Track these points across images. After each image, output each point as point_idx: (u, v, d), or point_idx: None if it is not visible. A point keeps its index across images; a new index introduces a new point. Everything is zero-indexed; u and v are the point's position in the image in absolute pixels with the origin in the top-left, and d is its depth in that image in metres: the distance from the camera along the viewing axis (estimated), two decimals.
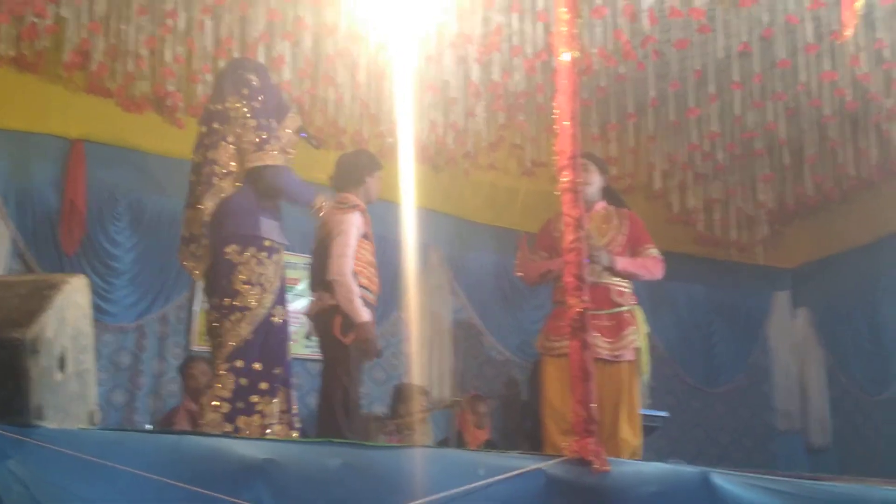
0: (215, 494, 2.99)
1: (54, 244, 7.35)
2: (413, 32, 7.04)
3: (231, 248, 4.81)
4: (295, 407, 5.10)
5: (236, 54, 7.24)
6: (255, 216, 4.90)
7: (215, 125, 5.00)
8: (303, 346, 8.18)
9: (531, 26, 7.29)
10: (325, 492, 3.21)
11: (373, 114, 8.10)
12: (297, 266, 8.35)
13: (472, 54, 7.45)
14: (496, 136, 8.69)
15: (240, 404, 4.67)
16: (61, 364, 3.28)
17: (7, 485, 2.82)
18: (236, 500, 3.01)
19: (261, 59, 7.29)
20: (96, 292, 6.84)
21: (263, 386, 4.75)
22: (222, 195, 4.89)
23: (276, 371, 4.83)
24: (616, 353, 5.80)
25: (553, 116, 4.10)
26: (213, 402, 4.65)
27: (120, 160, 7.72)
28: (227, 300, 4.77)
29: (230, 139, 4.95)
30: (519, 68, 7.64)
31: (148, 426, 7.23)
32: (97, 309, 5.99)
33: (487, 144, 8.72)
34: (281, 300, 4.97)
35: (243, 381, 4.70)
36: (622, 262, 6.00)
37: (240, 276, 4.77)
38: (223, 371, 4.69)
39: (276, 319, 4.90)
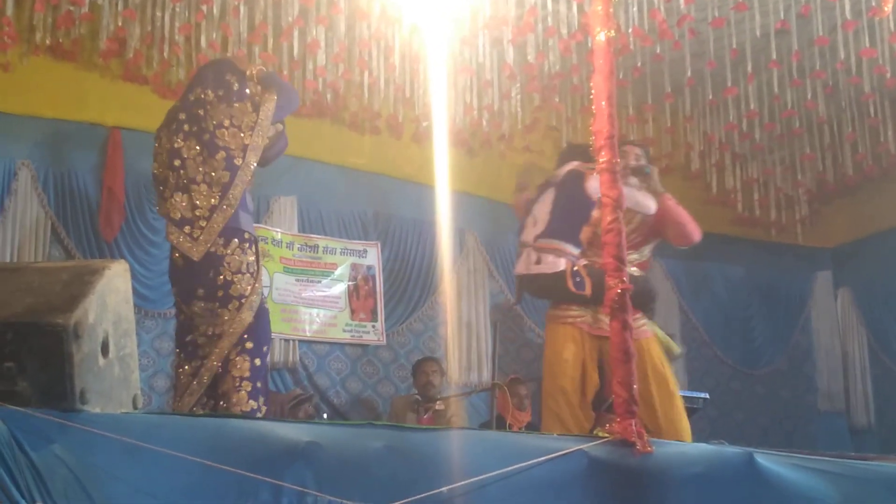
0: (258, 476, 3.01)
1: (93, 231, 7.40)
2: (447, 15, 7.02)
3: (217, 242, 5.00)
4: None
5: (271, 40, 7.26)
6: (238, 210, 5.06)
7: (199, 112, 5.14)
8: (341, 330, 8.24)
9: (566, 7, 7.25)
10: (366, 474, 3.22)
11: (407, 97, 8.07)
12: (334, 251, 8.38)
13: (507, 36, 7.42)
14: (531, 118, 8.64)
15: (258, 384, 4.94)
16: (104, 349, 3.30)
17: (52, 468, 2.84)
18: (279, 482, 3.02)
19: (294, 44, 7.32)
20: (136, 279, 6.88)
21: (260, 363, 5.02)
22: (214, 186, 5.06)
23: (265, 349, 5.11)
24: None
25: (589, 97, 4.08)
26: (235, 384, 4.91)
27: None
28: (220, 291, 4.97)
29: (224, 128, 5.10)
30: (554, 49, 7.59)
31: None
32: (137, 295, 6.03)
33: (523, 127, 8.67)
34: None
35: (257, 361, 4.97)
36: (669, 197, 5.95)
37: (229, 267, 4.97)
38: (234, 356, 4.93)
39: (265, 305, 5.20)
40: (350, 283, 8.38)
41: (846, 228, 10.41)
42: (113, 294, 3.41)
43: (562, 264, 5.66)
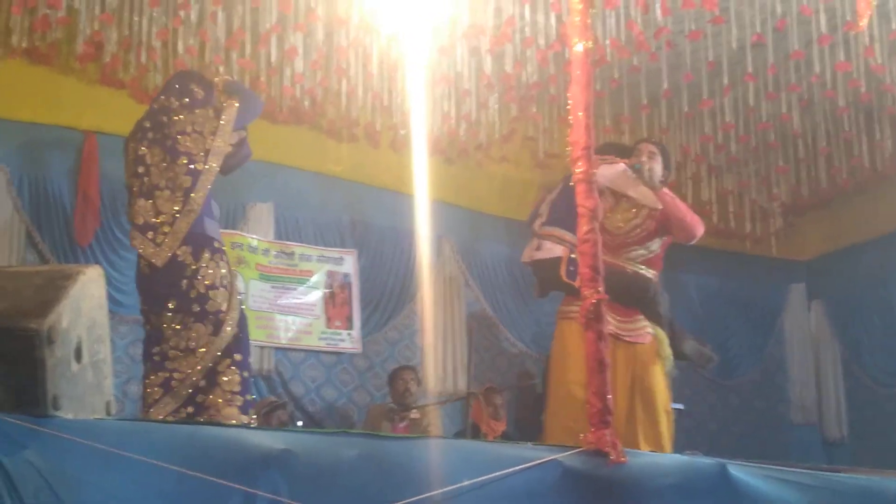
0: (231, 484, 3.00)
1: (68, 236, 7.35)
2: (425, 24, 7.02)
3: (182, 250, 4.99)
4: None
5: (248, 46, 7.25)
6: (202, 216, 5.07)
7: (163, 118, 5.20)
8: (317, 338, 8.22)
9: (544, 17, 7.25)
10: (340, 482, 3.22)
11: (385, 106, 8.07)
12: (311, 258, 8.36)
13: (485, 45, 7.42)
14: (509, 127, 8.66)
15: (249, 396, 5.02)
16: (77, 354, 3.29)
17: (23, 475, 2.82)
18: (253, 490, 3.01)
19: (272, 50, 7.31)
20: (111, 284, 6.82)
21: (248, 375, 5.10)
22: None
23: (250, 360, 5.22)
24: (627, 332, 5.76)
25: (566, 108, 4.09)
26: (227, 397, 4.92)
27: None
28: (194, 306, 4.97)
29: (187, 134, 5.15)
30: (531, 60, 7.60)
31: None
32: (112, 300, 5.96)
33: (500, 136, 8.69)
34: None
35: (245, 373, 5.02)
36: (667, 192, 5.95)
37: (203, 280, 4.97)
38: (224, 368, 4.95)
39: (245, 314, 5.24)
40: (326, 290, 8.36)
41: (820, 241, 10.48)
42: (87, 299, 3.40)
43: (559, 250, 5.68)
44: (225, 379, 4.92)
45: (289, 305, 8.17)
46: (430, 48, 7.28)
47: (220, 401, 4.89)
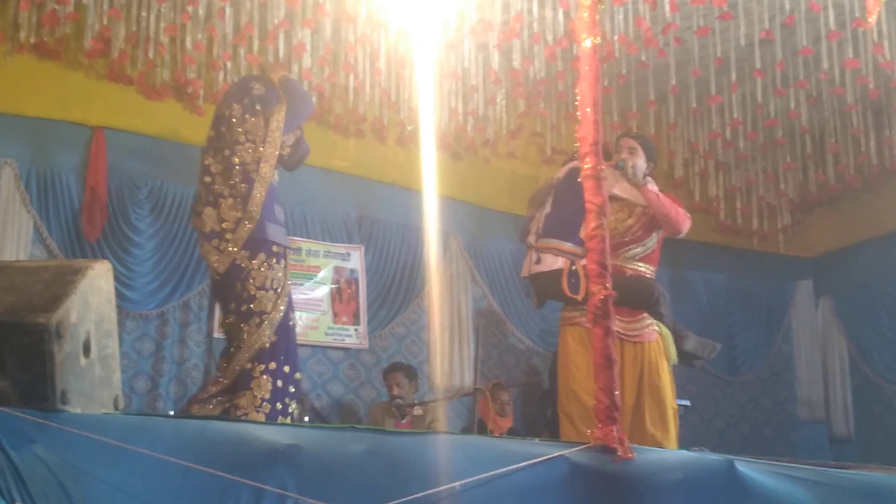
0: (239, 479, 3.00)
1: (76, 231, 7.37)
2: (433, 20, 7.02)
3: (241, 254, 5.11)
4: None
5: (256, 42, 7.25)
6: (263, 221, 5.16)
7: (223, 129, 5.34)
8: (323, 333, 8.23)
9: (552, 13, 7.27)
10: (347, 478, 3.21)
11: (393, 101, 8.08)
12: (318, 254, 8.37)
13: (493, 41, 7.42)
14: (516, 123, 8.66)
15: (279, 405, 4.99)
16: (85, 349, 3.29)
17: (32, 468, 2.83)
18: (260, 485, 3.01)
19: (280, 46, 7.31)
20: (118, 279, 6.86)
21: (292, 389, 5.09)
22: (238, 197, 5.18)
23: (298, 376, 5.17)
24: (633, 332, 5.74)
25: (574, 104, 4.10)
26: (255, 404, 4.96)
27: (141, 147, 7.73)
28: (244, 306, 5.08)
29: (241, 144, 5.27)
30: (539, 55, 7.61)
31: (171, 412, 7.25)
32: (119, 296, 6.01)
33: (507, 132, 8.69)
34: (291, 304, 5.28)
35: (279, 382, 5.02)
36: (651, 189, 5.93)
37: (254, 282, 5.06)
38: (257, 374, 4.98)
39: (291, 323, 5.24)
40: (333, 286, 8.37)
41: (828, 238, 10.45)
42: (95, 294, 3.40)
43: (559, 262, 5.66)
44: (257, 384, 4.98)
45: (296, 301, 8.09)
46: (437, 44, 7.29)
47: (248, 404, 4.96)
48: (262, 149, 5.25)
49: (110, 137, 7.57)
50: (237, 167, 5.21)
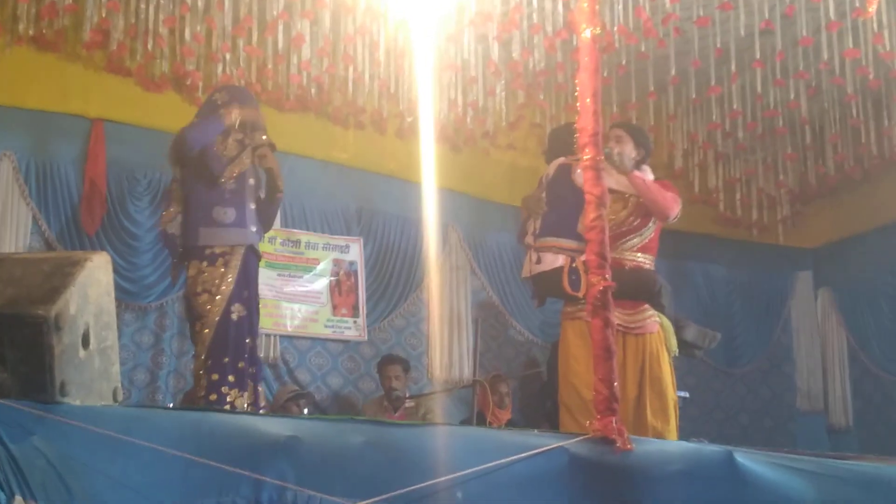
0: (238, 471, 3.00)
1: (75, 223, 7.36)
2: (432, 11, 7.01)
3: (183, 265, 5.42)
4: (263, 402, 5.69)
5: (255, 33, 7.24)
6: (195, 228, 5.36)
7: None
8: (323, 325, 8.23)
9: (551, 4, 7.25)
10: (347, 469, 3.22)
11: (392, 93, 8.07)
12: (317, 246, 8.36)
13: (492, 32, 7.41)
14: (516, 115, 8.66)
15: (213, 396, 5.12)
16: (85, 341, 3.29)
17: (31, 460, 2.83)
18: (259, 477, 3.01)
19: (279, 38, 7.30)
20: (117, 272, 6.82)
21: (231, 378, 5.19)
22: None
23: (240, 365, 5.24)
24: (635, 324, 5.72)
25: (573, 95, 4.10)
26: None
27: (140, 139, 7.70)
28: (190, 314, 5.41)
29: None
30: (539, 46, 7.59)
31: (170, 405, 7.26)
32: (118, 288, 6.00)
33: (507, 123, 8.68)
34: (239, 297, 5.32)
35: (214, 376, 5.18)
36: (637, 175, 5.89)
37: (192, 289, 5.29)
38: (200, 373, 5.22)
39: (234, 316, 5.30)
40: (332, 278, 8.36)
41: (827, 229, 10.44)
42: (94, 286, 3.40)
43: (560, 260, 5.65)
44: (198, 386, 5.24)
45: (295, 293, 8.17)
46: (437, 35, 7.28)
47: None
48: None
49: (109, 129, 7.56)
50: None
